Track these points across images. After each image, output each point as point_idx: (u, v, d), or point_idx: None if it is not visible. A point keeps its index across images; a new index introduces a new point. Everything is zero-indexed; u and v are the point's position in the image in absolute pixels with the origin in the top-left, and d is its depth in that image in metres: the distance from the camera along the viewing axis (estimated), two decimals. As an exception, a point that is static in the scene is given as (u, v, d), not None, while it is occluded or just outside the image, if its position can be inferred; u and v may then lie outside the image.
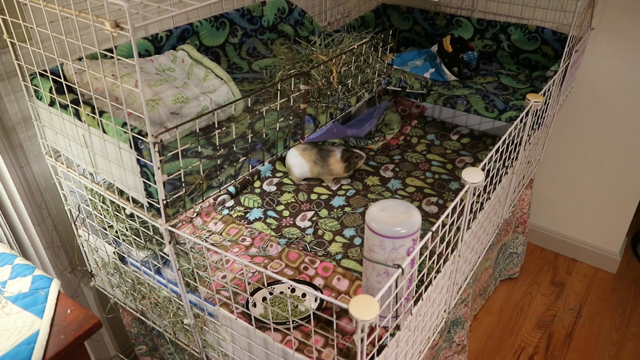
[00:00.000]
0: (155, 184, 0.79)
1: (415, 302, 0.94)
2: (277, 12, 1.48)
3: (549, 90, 1.40)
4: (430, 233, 0.83)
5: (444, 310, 1.19)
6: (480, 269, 1.63)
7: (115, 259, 1.13)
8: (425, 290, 0.96)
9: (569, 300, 2.01)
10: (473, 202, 1.01)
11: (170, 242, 0.88)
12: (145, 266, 1.07)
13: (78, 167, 1.03)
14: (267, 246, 1.26)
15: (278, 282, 1.11)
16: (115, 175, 0.89)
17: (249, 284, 1.13)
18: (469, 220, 1.05)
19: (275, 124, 0.98)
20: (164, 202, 0.81)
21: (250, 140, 0.94)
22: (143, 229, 0.99)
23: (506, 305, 1.98)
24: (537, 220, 2.23)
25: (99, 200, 1.05)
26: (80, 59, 0.94)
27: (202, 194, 0.88)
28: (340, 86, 1.14)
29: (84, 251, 1.24)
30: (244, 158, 0.93)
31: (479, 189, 1.05)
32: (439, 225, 0.85)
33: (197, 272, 0.97)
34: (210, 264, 1.13)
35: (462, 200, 0.94)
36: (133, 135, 0.78)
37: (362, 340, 0.70)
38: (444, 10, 1.92)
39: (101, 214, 1.07)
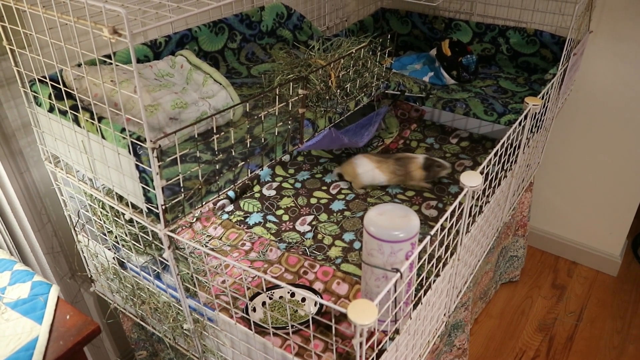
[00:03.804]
0: (154, 189, 0.79)
1: (415, 306, 0.94)
2: (276, 17, 1.49)
3: (547, 93, 1.40)
4: (429, 237, 0.83)
5: (444, 314, 1.19)
6: (481, 273, 1.63)
7: (115, 264, 1.13)
8: (425, 294, 0.96)
9: (569, 303, 2.00)
10: (472, 205, 1.01)
11: (169, 247, 0.88)
12: (144, 271, 1.07)
13: (77, 173, 1.03)
14: (266, 251, 1.26)
15: (277, 286, 1.11)
16: (115, 180, 0.89)
17: (248, 288, 1.13)
18: (468, 223, 1.05)
19: (274, 129, 0.99)
20: (163, 207, 0.82)
21: (249, 145, 0.94)
22: (142, 234, 0.99)
23: (507, 308, 1.98)
24: (537, 223, 2.22)
25: (98, 206, 1.05)
26: (79, 65, 0.95)
27: (201, 199, 0.88)
28: (338, 90, 1.15)
29: (84, 257, 1.24)
30: (243, 163, 0.93)
31: (477, 193, 1.05)
32: (437, 229, 0.85)
33: (196, 277, 0.97)
34: (209, 269, 1.13)
35: (461, 203, 0.94)
36: (132, 141, 0.78)
37: (361, 344, 0.70)
38: (443, 14, 1.93)
39: (100, 220, 1.07)
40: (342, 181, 1.52)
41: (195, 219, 1.36)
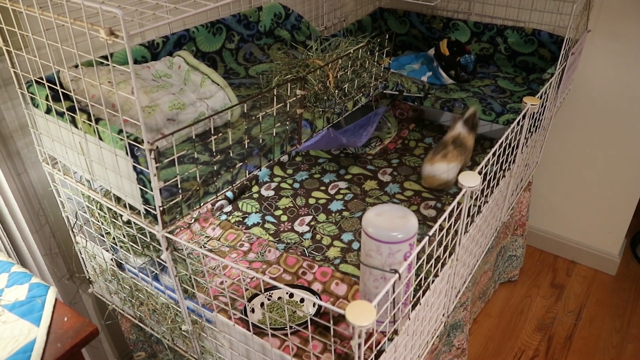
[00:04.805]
0: (151, 190, 0.79)
1: (413, 307, 0.93)
2: (274, 17, 1.48)
3: (545, 92, 1.40)
4: (427, 237, 0.83)
5: (443, 314, 1.19)
6: (479, 272, 1.63)
7: (113, 265, 1.13)
8: (423, 294, 0.96)
9: (568, 302, 2.01)
10: (471, 205, 1.01)
11: (167, 249, 0.88)
12: (142, 273, 1.07)
13: (75, 174, 1.03)
14: (265, 251, 1.26)
15: (276, 287, 1.11)
16: (112, 182, 0.89)
17: (247, 289, 1.13)
18: (467, 223, 1.05)
19: (272, 129, 0.98)
20: (161, 208, 0.81)
21: (247, 146, 0.94)
22: (140, 236, 0.99)
23: (506, 308, 1.98)
24: (536, 223, 2.22)
25: (96, 207, 1.05)
26: (76, 67, 0.95)
27: (199, 200, 0.88)
28: (337, 91, 1.14)
29: (82, 258, 1.24)
30: (241, 163, 0.93)
31: (476, 193, 1.05)
32: (436, 229, 0.85)
33: (194, 279, 0.97)
34: (207, 270, 1.13)
35: (459, 203, 0.94)
36: (129, 142, 0.78)
37: (359, 345, 0.70)
38: (441, 14, 1.93)
39: (98, 221, 1.07)
40: (341, 181, 1.52)
41: (193, 220, 1.36)
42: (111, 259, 1.13)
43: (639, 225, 2.32)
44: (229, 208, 1.42)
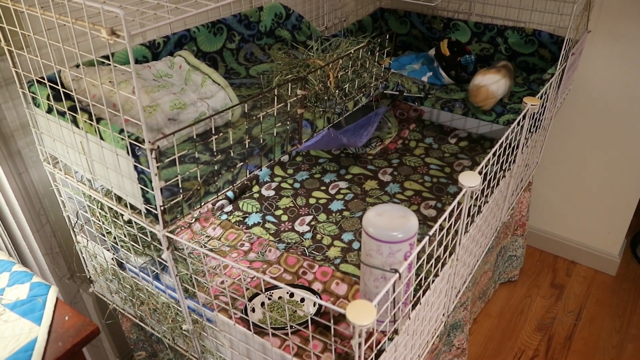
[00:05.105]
0: (152, 190, 0.79)
1: (414, 307, 0.94)
2: (275, 17, 1.49)
3: (546, 93, 1.40)
4: (427, 237, 0.83)
5: (443, 314, 1.19)
6: (480, 272, 1.63)
7: (114, 265, 1.13)
8: (424, 294, 0.96)
9: (568, 302, 2.01)
10: (471, 205, 1.01)
11: (168, 248, 0.88)
12: (143, 272, 1.07)
13: (76, 174, 1.03)
14: (265, 251, 1.26)
15: (276, 287, 1.11)
16: (113, 181, 0.89)
17: (247, 289, 1.13)
18: (467, 223, 1.05)
19: (272, 129, 0.99)
20: (162, 208, 0.82)
21: (247, 146, 0.94)
22: (141, 235, 0.99)
23: (506, 308, 1.98)
24: (536, 223, 2.23)
25: (97, 207, 1.05)
26: (77, 66, 0.95)
27: (199, 199, 0.88)
28: (337, 91, 1.15)
29: (83, 257, 1.24)
30: (242, 163, 0.93)
31: (476, 193, 1.05)
32: (436, 229, 0.85)
33: (195, 278, 0.97)
34: (208, 270, 1.13)
35: (459, 203, 0.94)
36: (130, 142, 0.78)
37: (360, 345, 0.70)
38: (441, 14, 1.93)
39: (99, 221, 1.07)
40: (342, 181, 1.52)
41: (194, 220, 1.36)
42: (112, 259, 1.13)
43: (639, 225, 2.33)
44: (229, 208, 1.42)
